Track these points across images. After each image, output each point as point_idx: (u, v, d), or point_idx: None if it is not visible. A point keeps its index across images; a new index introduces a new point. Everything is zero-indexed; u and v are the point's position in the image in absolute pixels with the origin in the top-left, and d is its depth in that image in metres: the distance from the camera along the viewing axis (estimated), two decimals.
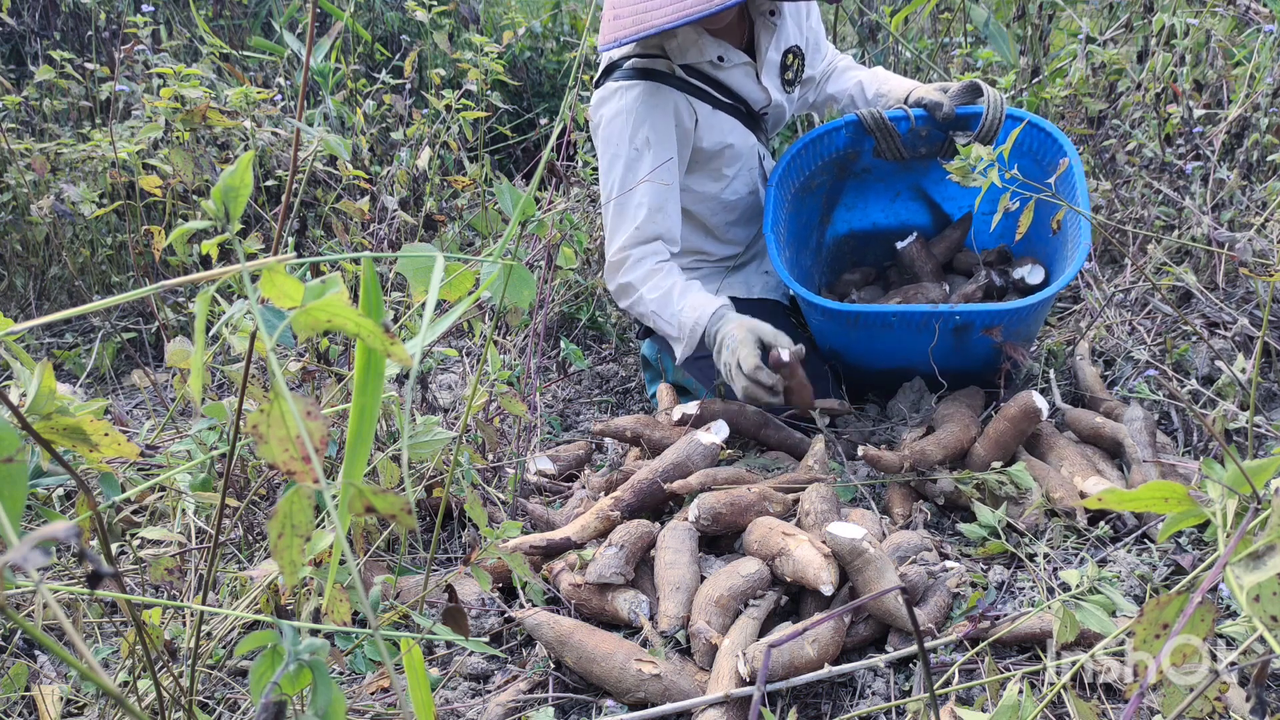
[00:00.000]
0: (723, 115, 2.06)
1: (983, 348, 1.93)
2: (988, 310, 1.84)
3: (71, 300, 2.92)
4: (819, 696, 1.37)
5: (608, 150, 2.00)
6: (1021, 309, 1.85)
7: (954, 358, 1.95)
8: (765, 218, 2.06)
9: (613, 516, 1.65)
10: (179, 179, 2.22)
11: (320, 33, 2.94)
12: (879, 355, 2.03)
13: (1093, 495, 0.74)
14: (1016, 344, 1.91)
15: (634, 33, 1.81)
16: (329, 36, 1.83)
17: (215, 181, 1.31)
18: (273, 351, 0.58)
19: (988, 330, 1.86)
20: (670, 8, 1.78)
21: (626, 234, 1.99)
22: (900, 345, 1.96)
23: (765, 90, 2.11)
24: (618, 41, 1.83)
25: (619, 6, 1.85)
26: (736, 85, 2.07)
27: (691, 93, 2.01)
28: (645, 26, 1.79)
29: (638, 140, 1.96)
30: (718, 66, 2.03)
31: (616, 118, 1.97)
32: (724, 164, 2.11)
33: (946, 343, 1.92)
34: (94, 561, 0.48)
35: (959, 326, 1.87)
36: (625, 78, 1.98)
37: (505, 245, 0.88)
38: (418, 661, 0.80)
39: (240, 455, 1.58)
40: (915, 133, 2.14)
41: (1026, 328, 1.94)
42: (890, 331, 1.93)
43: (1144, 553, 1.56)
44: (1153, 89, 2.52)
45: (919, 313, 1.86)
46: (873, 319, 1.91)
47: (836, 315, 1.93)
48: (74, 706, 1.39)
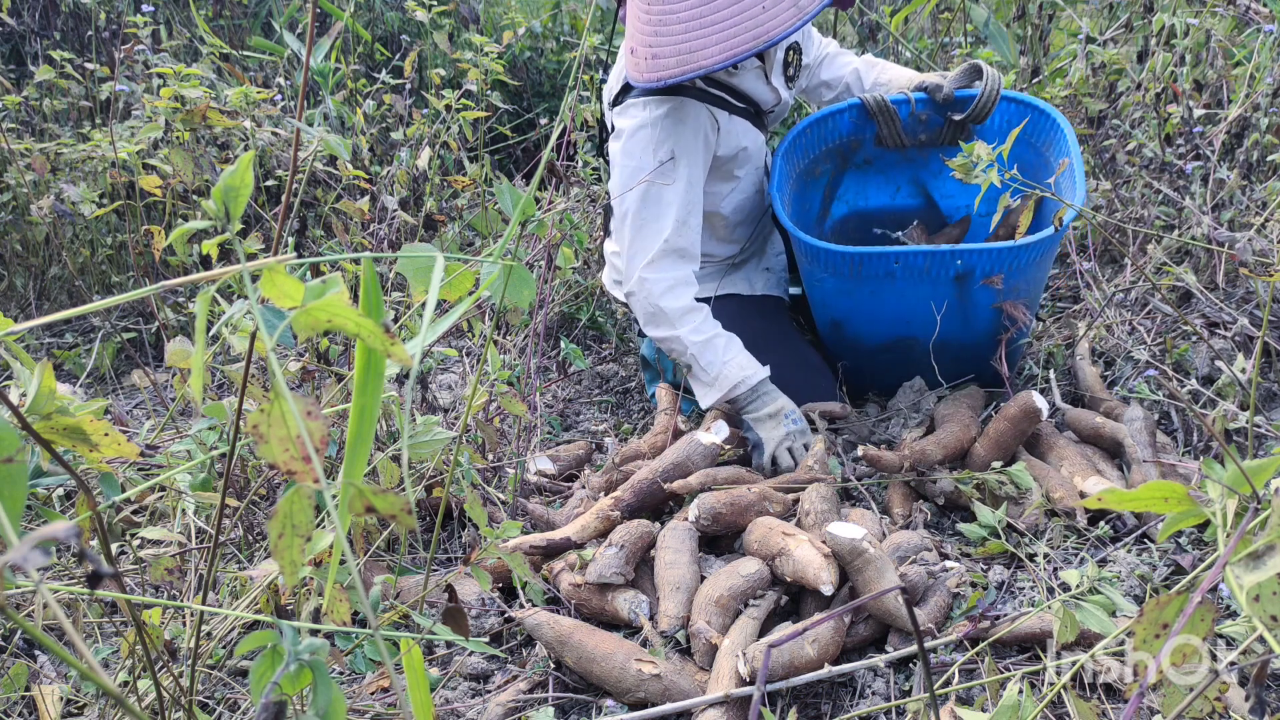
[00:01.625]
0: (738, 120, 2.06)
1: (984, 307, 1.93)
2: (989, 250, 1.84)
3: (71, 300, 2.92)
4: (819, 696, 1.37)
5: (629, 162, 1.96)
6: (1021, 253, 1.85)
7: (955, 321, 1.94)
8: (771, 181, 2.07)
9: (613, 516, 1.65)
10: (179, 179, 2.22)
11: (320, 33, 2.93)
12: (881, 319, 2.02)
13: (1092, 495, 0.74)
14: (1017, 304, 1.91)
15: (680, 74, 1.76)
16: (329, 36, 1.83)
17: (215, 181, 1.31)
18: (273, 351, 0.58)
19: (989, 279, 1.86)
20: (717, 47, 1.73)
21: (653, 250, 1.95)
22: (901, 301, 1.95)
23: (775, 90, 2.11)
24: (662, 82, 1.79)
25: (658, 45, 1.78)
26: (749, 88, 2.06)
27: (712, 102, 1.99)
28: (693, 67, 1.75)
29: (661, 153, 1.93)
30: (731, 74, 2.03)
31: (641, 130, 1.94)
32: (736, 166, 2.11)
33: (948, 295, 1.91)
34: (94, 561, 0.48)
35: (960, 274, 1.87)
36: (649, 92, 1.94)
37: (505, 245, 0.88)
38: (418, 661, 0.80)
39: (240, 455, 1.58)
40: (915, 118, 2.15)
41: (1027, 281, 1.94)
42: (892, 283, 1.92)
43: (1144, 553, 1.56)
44: (1153, 89, 2.52)
45: (920, 254, 1.86)
46: (875, 265, 1.90)
47: (839, 265, 1.92)
48: (74, 706, 1.39)
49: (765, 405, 1.94)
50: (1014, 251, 1.84)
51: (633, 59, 1.84)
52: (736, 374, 1.94)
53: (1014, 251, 1.84)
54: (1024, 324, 1.93)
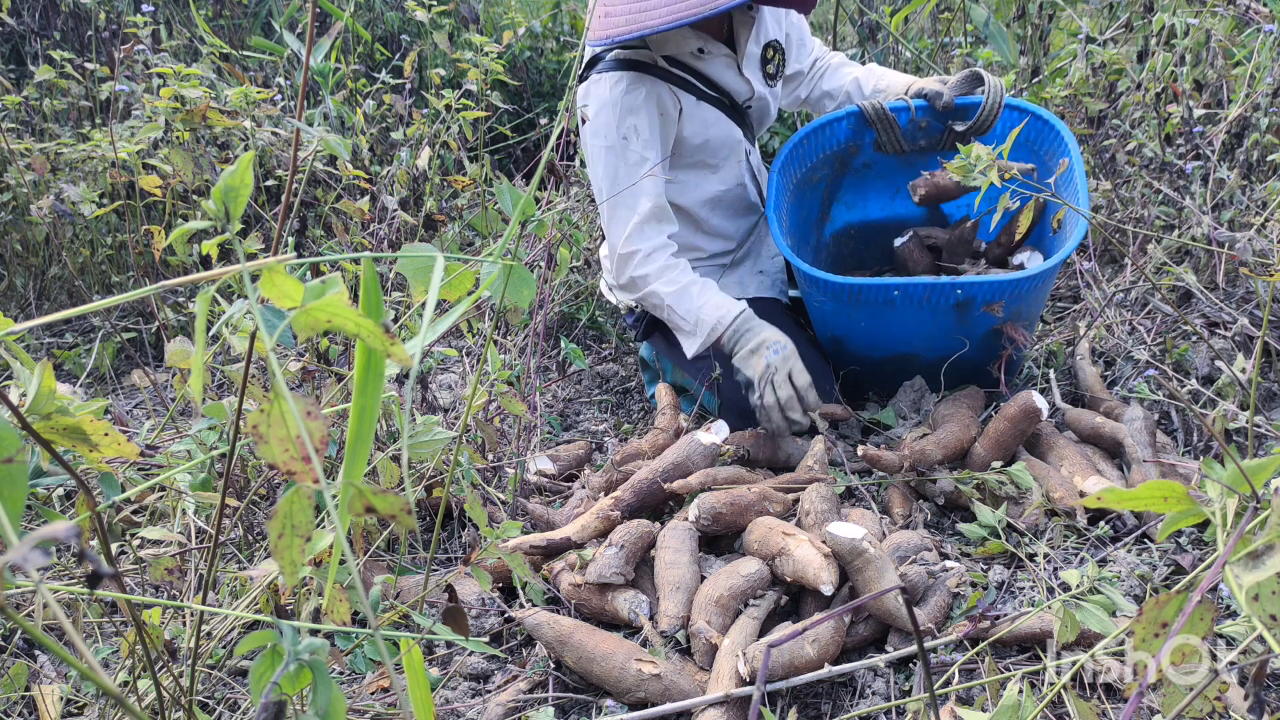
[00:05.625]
0: (707, 107, 2.07)
1: (983, 329, 1.93)
2: (990, 282, 1.84)
3: (71, 300, 2.92)
4: (819, 696, 1.37)
5: (596, 141, 2.01)
6: (1022, 282, 1.85)
7: (955, 340, 1.95)
8: (768, 201, 2.07)
9: (613, 516, 1.65)
10: (179, 179, 2.22)
11: (320, 33, 2.94)
12: (880, 339, 2.02)
13: (1092, 495, 0.74)
14: (1018, 326, 1.91)
15: (627, 32, 1.82)
16: (329, 36, 1.83)
17: (215, 181, 1.31)
18: (273, 351, 0.58)
19: (989, 306, 1.86)
20: (666, 9, 1.78)
21: (632, 223, 2.00)
22: (902, 326, 1.96)
23: (748, 82, 2.12)
24: (610, 40, 1.85)
25: (611, 4, 1.86)
26: (718, 76, 2.08)
27: (675, 83, 2.03)
28: (640, 27, 1.80)
29: (625, 129, 1.98)
30: (699, 58, 2.04)
31: (604, 109, 1.99)
32: (708, 155, 2.13)
33: (948, 321, 1.91)
34: (94, 561, 0.48)
35: (960, 302, 1.87)
36: (609, 69, 2.00)
37: (505, 245, 0.88)
38: (418, 661, 0.80)
39: (240, 455, 1.58)
40: (915, 124, 2.14)
41: (1027, 306, 1.94)
42: (892, 309, 1.92)
43: (1144, 552, 1.56)
44: (1153, 89, 2.52)
45: (921, 285, 1.86)
46: (875, 294, 1.90)
47: (838, 292, 1.92)
48: (74, 706, 1.39)
49: (748, 341, 1.94)
50: (1015, 282, 1.84)
51: (592, 21, 1.90)
52: (713, 315, 1.96)
53: (1015, 282, 1.84)
54: (1023, 344, 1.94)
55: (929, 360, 2.01)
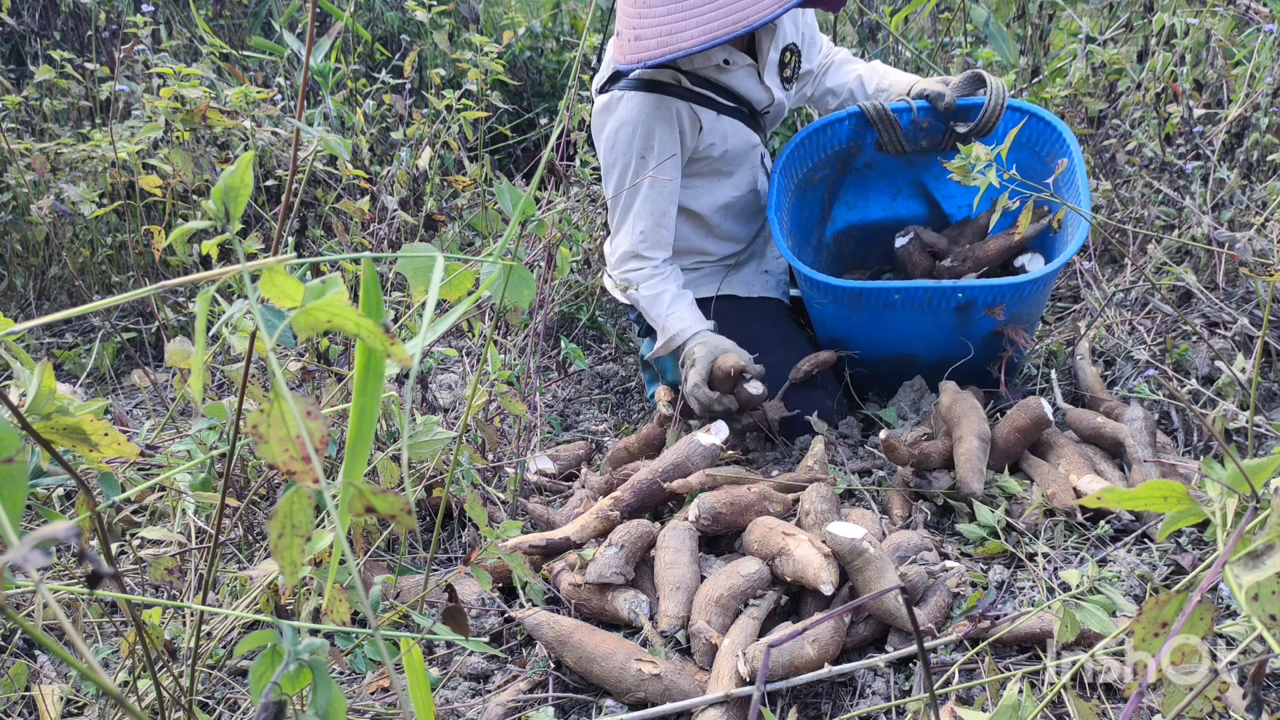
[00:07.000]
0: (726, 120, 2.07)
1: (984, 332, 1.93)
2: (991, 286, 1.84)
3: (71, 300, 2.92)
4: (819, 696, 1.37)
5: (610, 156, 2.05)
6: (1023, 286, 1.85)
7: (956, 343, 1.95)
8: (769, 203, 2.07)
9: (613, 516, 1.65)
10: (179, 179, 2.22)
11: (320, 33, 2.94)
12: (881, 341, 2.03)
13: (1089, 493, 0.74)
14: (1018, 329, 1.91)
15: (660, 55, 1.81)
16: (329, 36, 1.83)
17: (215, 181, 1.31)
18: (273, 351, 0.58)
19: (990, 310, 1.86)
20: (698, 30, 1.78)
21: (631, 239, 2.08)
22: (902, 329, 1.96)
23: (768, 90, 2.11)
24: (642, 64, 1.84)
25: (641, 27, 1.84)
26: (740, 87, 2.07)
27: (696, 101, 2.02)
28: (672, 49, 1.80)
29: (641, 149, 2.00)
30: (723, 70, 2.04)
31: (622, 127, 2.00)
32: (725, 163, 2.13)
33: (949, 324, 1.91)
34: (94, 561, 0.48)
35: (961, 305, 1.87)
36: (630, 87, 2.00)
37: (505, 245, 0.88)
38: (418, 661, 0.80)
39: (240, 455, 1.58)
40: (916, 125, 2.14)
41: (1028, 309, 1.94)
42: (893, 312, 1.92)
43: (1144, 552, 1.56)
44: (1153, 89, 2.52)
45: (921, 289, 1.86)
46: (875, 297, 1.91)
47: (839, 295, 1.93)
48: (74, 706, 1.39)
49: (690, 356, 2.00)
50: (1016, 286, 1.85)
51: (618, 42, 1.91)
52: (675, 326, 2.05)
53: (1016, 286, 1.85)
54: (1024, 346, 1.94)
55: (929, 362, 2.02)
